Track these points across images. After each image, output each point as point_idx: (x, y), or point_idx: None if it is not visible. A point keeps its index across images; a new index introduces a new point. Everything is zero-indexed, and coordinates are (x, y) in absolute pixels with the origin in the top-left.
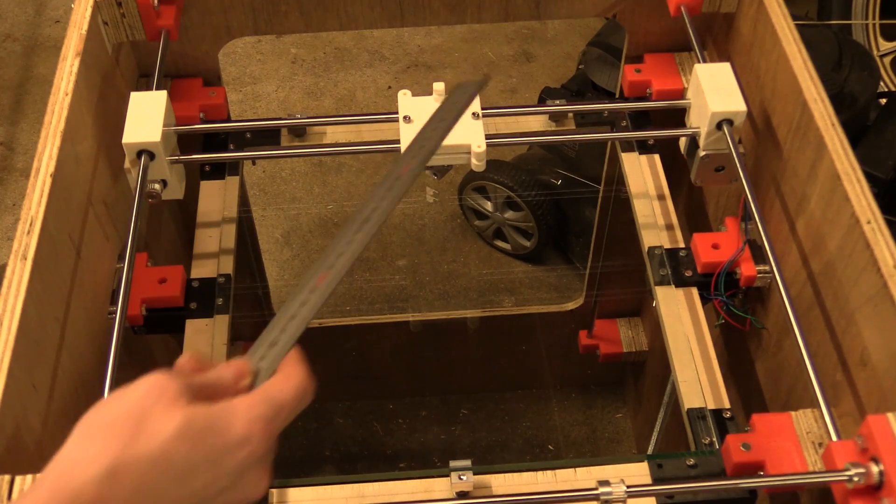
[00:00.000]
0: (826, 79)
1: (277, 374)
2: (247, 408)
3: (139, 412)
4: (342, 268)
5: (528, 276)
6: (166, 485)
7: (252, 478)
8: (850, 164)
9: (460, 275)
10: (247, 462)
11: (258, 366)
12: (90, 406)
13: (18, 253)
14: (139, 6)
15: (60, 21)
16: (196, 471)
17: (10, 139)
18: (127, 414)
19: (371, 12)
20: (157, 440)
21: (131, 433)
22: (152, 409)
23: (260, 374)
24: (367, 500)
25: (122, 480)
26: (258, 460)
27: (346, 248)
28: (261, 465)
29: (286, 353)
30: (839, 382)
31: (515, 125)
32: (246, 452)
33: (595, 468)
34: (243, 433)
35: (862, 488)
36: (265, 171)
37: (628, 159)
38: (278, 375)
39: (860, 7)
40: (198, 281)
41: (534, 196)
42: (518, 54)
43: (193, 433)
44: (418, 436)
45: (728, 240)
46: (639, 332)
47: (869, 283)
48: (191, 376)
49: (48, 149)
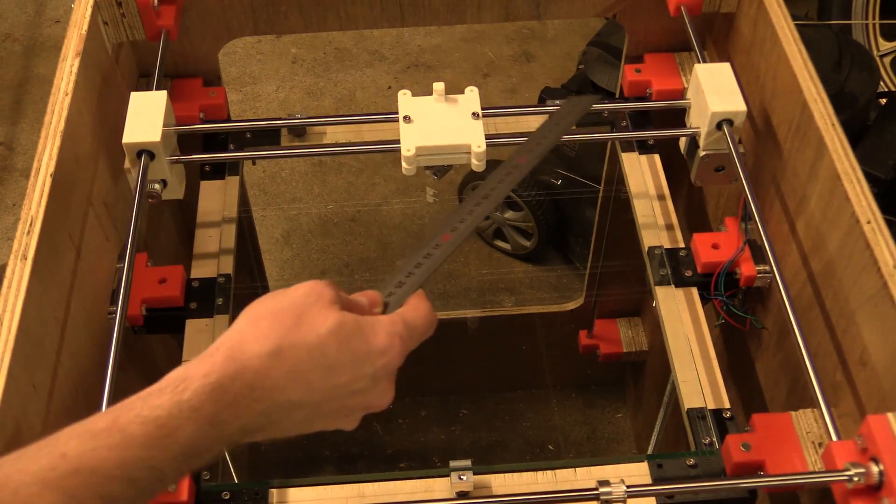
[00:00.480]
0: (826, 79)
1: (407, 305)
2: (389, 323)
3: (301, 307)
4: (463, 231)
5: (528, 276)
6: (315, 374)
7: (382, 387)
8: (850, 164)
9: (460, 275)
10: (382, 371)
11: (386, 300)
12: (90, 406)
13: (18, 253)
14: (139, 6)
15: (60, 21)
16: (341, 367)
17: (10, 139)
18: (290, 307)
19: (371, 12)
20: (315, 333)
21: (294, 322)
22: (312, 307)
23: (389, 307)
24: (367, 500)
25: (282, 360)
26: (390, 373)
27: (467, 216)
28: (391, 378)
29: (412, 292)
30: (839, 382)
31: (515, 125)
32: (384, 361)
33: (595, 468)
34: (385, 343)
35: (862, 488)
36: (265, 171)
37: (628, 159)
38: (408, 305)
39: (860, 7)
40: (198, 281)
41: (534, 196)
42: (518, 54)
43: (345, 334)
44: (418, 436)
45: (728, 240)
46: (639, 332)
47: (869, 283)
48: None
49: (48, 149)
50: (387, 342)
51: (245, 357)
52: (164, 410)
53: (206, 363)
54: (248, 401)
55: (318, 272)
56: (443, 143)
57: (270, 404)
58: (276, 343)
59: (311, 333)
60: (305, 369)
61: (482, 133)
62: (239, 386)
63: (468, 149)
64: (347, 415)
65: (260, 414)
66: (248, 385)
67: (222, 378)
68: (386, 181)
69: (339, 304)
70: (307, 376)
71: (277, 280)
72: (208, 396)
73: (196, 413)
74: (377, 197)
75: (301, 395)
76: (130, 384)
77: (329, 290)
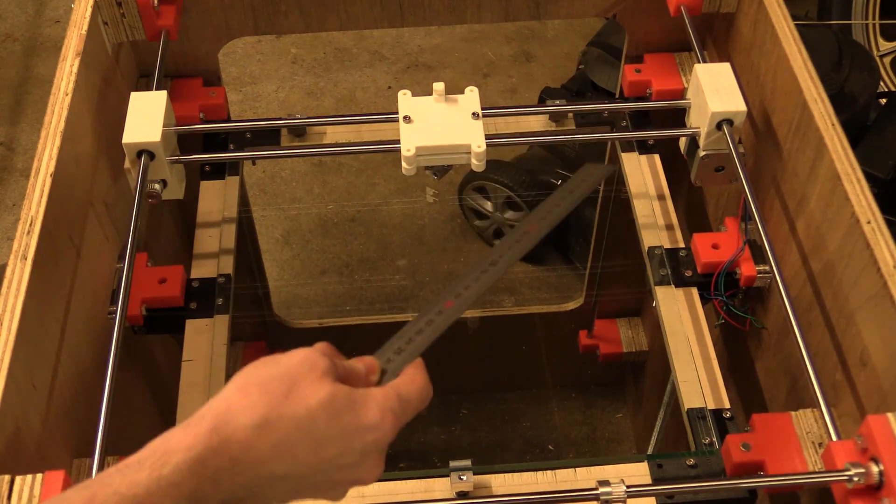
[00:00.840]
0: (826, 79)
1: (403, 376)
2: (383, 397)
3: (293, 377)
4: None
5: (528, 276)
6: (302, 447)
7: (371, 462)
8: (850, 164)
9: (460, 275)
10: (372, 446)
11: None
12: (90, 406)
13: (18, 253)
14: (139, 6)
15: (60, 21)
16: (329, 442)
17: (10, 139)
18: (282, 376)
19: (371, 12)
20: (305, 405)
21: (284, 393)
22: (305, 378)
23: (386, 375)
24: (367, 500)
25: (268, 433)
26: (381, 448)
27: (473, 283)
28: (381, 454)
29: (411, 360)
30: (839, 382)
31: (515, 125)
32: (375, 437)
33: (595, 468)
34: (376, 419)
35: (862, 488)
36: (265, 171)
37: (628, 159)
38: (404, 377)
39: (860, 7)
40: (198, 281)
41: (534, 196)
42: (518, 54)
43: (335, 407)
44: (418, 436)
45: (728, 240)
46: (639, 332)
47: (869, 283)
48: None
49: (48, 149)
50: (378, 418)
51: (230, 429)
52: (142, 488)
53: (190, 434)
54: (229, 474)
55: (318, 272)
56: (443, 143)
57: (253, 478)
58: (264, 414)
59: (301, 405)
60: (292, 442)
61: (482, 133)
62: (221, 460)
63: (468, 149)
64: (333, 488)
65: (241, 487)
66: (230, 459)
67: (204, 452)
68: (386, 181)
69: (334, 374)
70: (293, 450)
71: (277, 280)
72: (189, 472)
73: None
74: (377, 197)
75: (286, 468)
76: (130, 384)
77: (324, 359)
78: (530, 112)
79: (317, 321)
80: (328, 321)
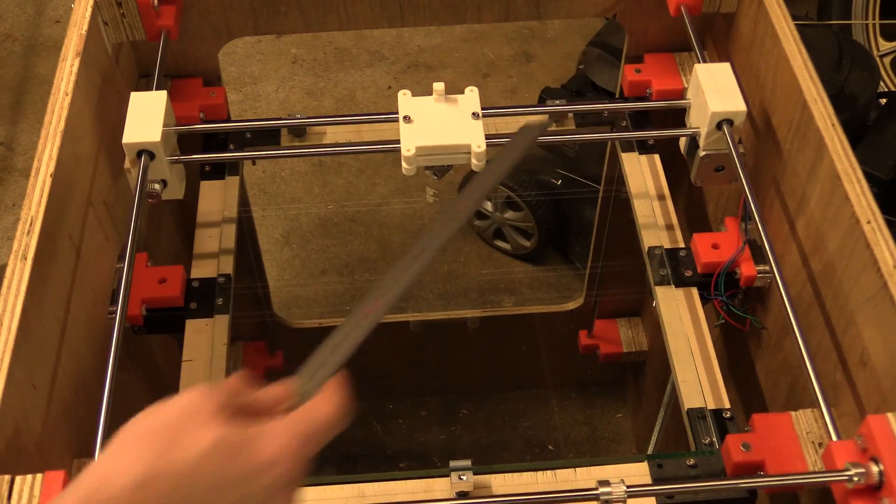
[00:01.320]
0: (826, 79)
1: (317, 397)
2: (279, 432)
3: (175, 426)
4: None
5: (528, 276)
6: (195, 499)
7: (281, 499)
8: (850, 164)
9: (460, 275)
10: (276, 484)
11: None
12: (90, 406)
13: (18, 253)
14: (139, 6)
15: (60, 21)
16: (226, 488)
17: (10, 139)
18: (163, 426)
19: (371, 12)
20: (189, 455)
21: (166, 446)
22: (188, 424)
23: (306, 394)
24: (367, 500)
25: (152, 491)
26: (288, 483)
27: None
28: (290, 488)
29: (332, 374)
30: (839, 382)
31: (515, 125)
32: (275, 475)
33: (595, 468)
34: (273, 456)
35: (862, 488)
36: (265, 171)
37: (628, 159)
38: (317, 399)
39: (860, 7)
40: (198, 281)
41: (534, 196)
42: (518, 54)
43: (225, 452)
44: (418, 436)
45: (728, 240)
46: (639, 332)
47: (869, 283)
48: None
49: (48, 149)
50: (276, 454)
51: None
52: None
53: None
54: None
55: (318, 272)
56: (443, 143)
57: None
58: (144, 472)
59: (186, 455)
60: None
61: (482, 133)
62: None
63: (468, 149)
64: None
65: None
66: None
67: None
68: (386, 181)
69: (226, 413)
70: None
71: (277, 280)
72: None
73: None
74: (377, 197)
75: None
76: (130, 384)
77: (212, 399)
78: (530, 112)
79: (317, 321)
80: (328, 321)
